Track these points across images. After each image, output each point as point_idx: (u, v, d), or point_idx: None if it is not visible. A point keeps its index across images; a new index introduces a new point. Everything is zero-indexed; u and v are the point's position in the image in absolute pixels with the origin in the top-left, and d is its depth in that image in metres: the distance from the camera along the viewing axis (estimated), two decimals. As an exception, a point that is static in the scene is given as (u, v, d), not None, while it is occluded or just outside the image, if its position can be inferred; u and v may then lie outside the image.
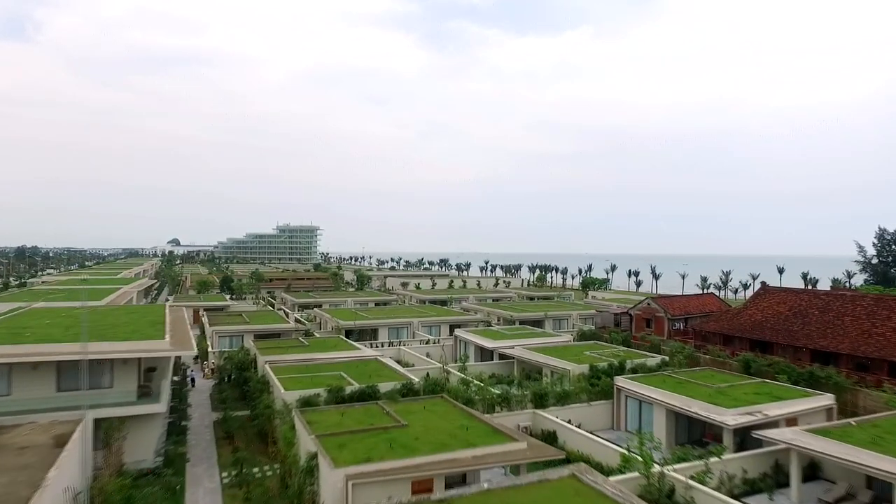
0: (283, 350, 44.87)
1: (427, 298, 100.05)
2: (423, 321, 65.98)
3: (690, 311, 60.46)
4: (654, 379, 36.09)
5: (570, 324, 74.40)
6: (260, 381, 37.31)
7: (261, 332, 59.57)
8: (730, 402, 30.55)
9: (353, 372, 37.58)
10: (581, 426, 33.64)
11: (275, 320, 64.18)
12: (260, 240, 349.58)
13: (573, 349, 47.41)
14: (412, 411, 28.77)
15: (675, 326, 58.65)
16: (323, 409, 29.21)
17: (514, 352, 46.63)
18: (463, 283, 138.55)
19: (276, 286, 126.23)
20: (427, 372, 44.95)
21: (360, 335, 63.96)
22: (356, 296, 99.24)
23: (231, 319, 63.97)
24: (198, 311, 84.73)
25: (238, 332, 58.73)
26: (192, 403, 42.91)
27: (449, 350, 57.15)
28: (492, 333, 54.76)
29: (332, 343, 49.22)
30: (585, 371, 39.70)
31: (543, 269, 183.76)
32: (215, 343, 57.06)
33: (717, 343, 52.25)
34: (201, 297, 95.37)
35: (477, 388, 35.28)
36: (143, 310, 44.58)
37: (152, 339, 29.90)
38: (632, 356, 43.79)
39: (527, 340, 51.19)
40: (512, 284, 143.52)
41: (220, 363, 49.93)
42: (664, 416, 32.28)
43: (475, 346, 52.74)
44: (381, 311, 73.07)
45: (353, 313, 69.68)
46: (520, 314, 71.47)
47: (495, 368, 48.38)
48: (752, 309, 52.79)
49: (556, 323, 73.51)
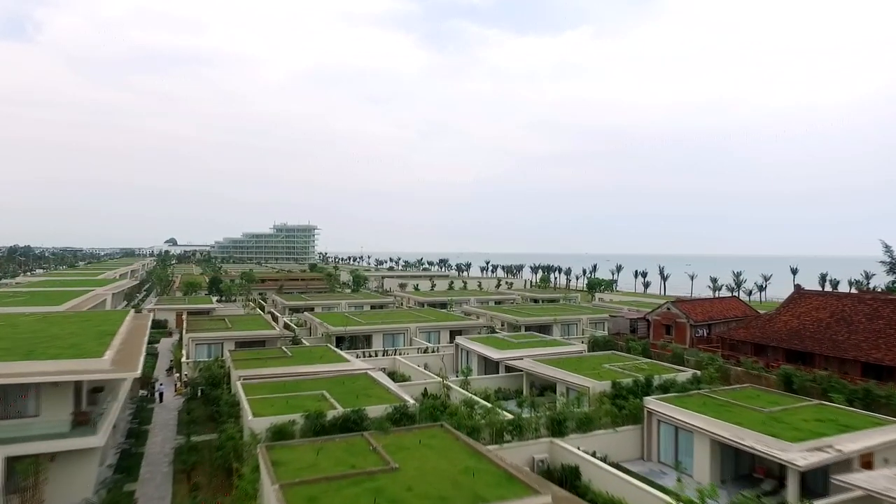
0: (261, 362, 39.56)
1: (426, 301, 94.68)
2: (421, 326, 60.67)
3: (714, 317, 55.11)
4: (691, 401, 30.75)
5: (580, 329, 69.06)
6: (229, 401, 31.98)
7: (243, 339, 54.25)
8: (790, 433, 25.22)
9: (339, 391, 32.28)
10: (606, 458, 28.36)
11: (260, 326, 58.82)
12: (257, 239, 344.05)
13: (589, 361, 42.08)
14: (405, 446, 23.46)
15: (698, 333, 53.34)
16: (295, 444, 23.86)
17: (522, 364, 41.29)
18: (463, 284, 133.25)
19: (269, 287, 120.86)
20: (425, 388, 39.73)
21: (352, 342, 58.62)
22: (351, 298, 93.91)
23: (211, 325, 58.62)
24: (181, 314, 79.54)
25: (217, 340, 53.38)
26: (156, 424, 37.61)
27: (449, 360, 51.84)
28: (497, 342, 49.45)
29: (319, 353, 43.90)
30: (607, 389, 34.38)
31: (546, 269, 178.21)
32: (192, 352, 51.74)
33: (747, 353, 46.96)
34: (186, 299, 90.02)
35: (483, 411, 30.00)
36: (98, 317, 39.28)
37: (91, 355, 24.57)
38: (659, 370, 38.44)
39: (536, 350, 45.87)
40: (514, 286, 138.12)
41: (193, 376, 44.64)
42: (707, 447, 26.96)
43: (478, 357, 47.44)
44: (376, 316, 67.73)
45: (345, 318, 64.35)
46: (525, 319, 66.14)
47: (501, 382, 43.08)
48: (786, 315, 47.46)
49: (564, 328, 68.20)
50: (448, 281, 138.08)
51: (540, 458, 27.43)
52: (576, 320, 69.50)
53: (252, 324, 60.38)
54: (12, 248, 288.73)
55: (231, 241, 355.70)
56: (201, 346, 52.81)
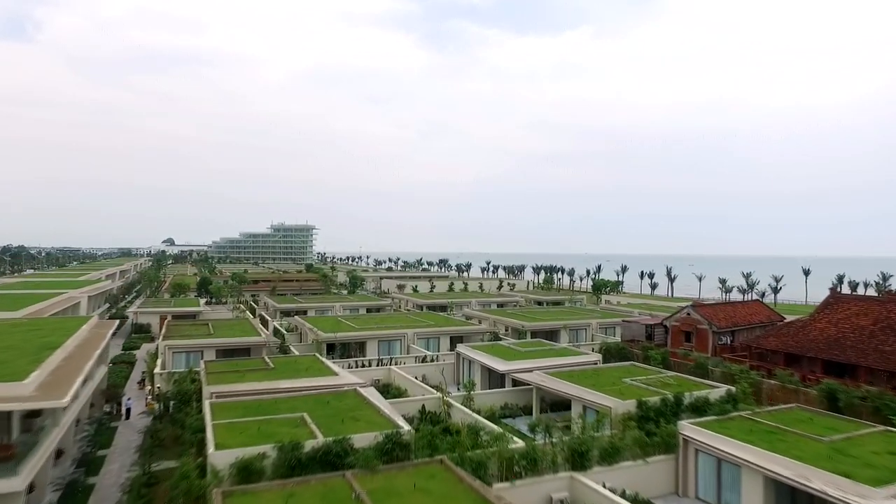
0: (238, 376, 35.09)
1: (425, 303, 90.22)
2: (420, 332, 56.20)
3: (738, 323, 50.64)
4: (734, 425, 26.31)
5: (589, 334, 64.66)
6: (195, 425, 27.50)
7: (226, 347, 49.79)
8: (865, 471, 20.79)
9: (323, 412, 27.85)
10: (637, 496, 23.94)
11: (245, 332, 54.31)
12: (254, 239, 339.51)
13: (607, 374, 37.63)
14: (397, 490, 19.07)
15: (721, 341, 48.90)
16: (261, 488, 19.43)
17: (532, 378, 36.82)
18: (464, 285, 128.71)
19: (262, 289, 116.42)
20: (423, 405, 35.30)
21: (344, 350, 54.19)
22: (347, 300, 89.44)
23: (192, 330, 54.14)
24: (165, 318, 75.09)
25: (196, 348, 48.90)
26: (117, 448, 33.19)
27: (450, 370, 47.41)
28: (502, 351, 45.00)
29: (305, 364, 39.42)
30: (632, 409, 29.94)
31: (549, 270, 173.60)
32: (168, 361, 47.28)
33: (778, 364, 42.51)
34: (172, 301, 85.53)
35: (490, 438, 25.58)
36: (51, 326, 34.79)
37: (12, 377, 20.11)
38: (687, 386, 33.96)
39: (546, 361, 41.41)
40: (517, 287, 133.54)
41: (166, 389, 40.16)
42: (760, 485, 22.53)
43: (482, 367, 42.98)
44: (371, 320, 63.26)
45: (338, 323, 59.91)
46: (531, 324, 61.69)
47: (508, 397, 38.64)
48: (822, 321, 43.02)
49: (572, 334, 63.80)
50: (448, 282, 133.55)
51: (559, 497, 23.01)
52: (585, 325, 65.06)
53: (237, 329, 55.90)
54: (5, 247, 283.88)
55: (228, 241, 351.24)
56: (178, 354, 48.34)
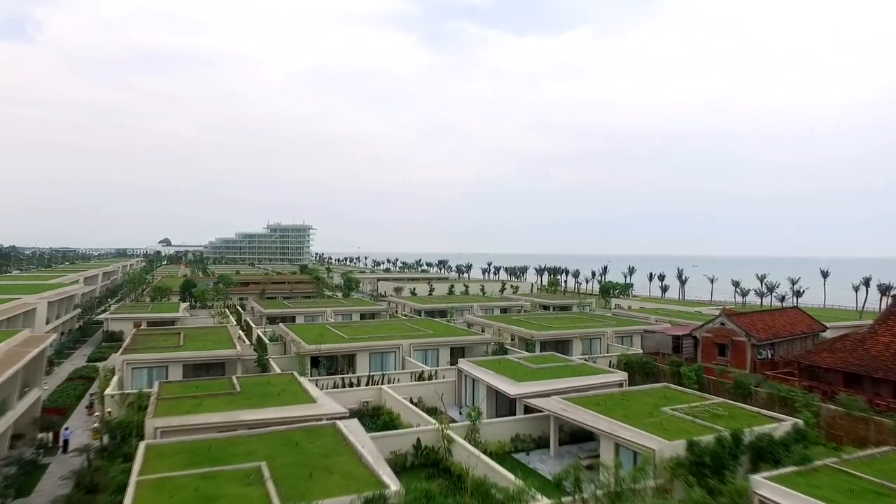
0: (194, 403, 28.92)
1: (423, 308, 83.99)
2: (417, 343, 49.99)
3: (778, 334, 44.39)
4: (824, 481, 20.07)
5: (604, 344, 58.45)
6: (117, 480, 21.26)
7: (195, 361, 43.64)
8: None
9: (288, 459, 21.67)
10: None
11: (220, 343, 48.03)
12: (250, 239, 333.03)
13: (638, 400, 31.40)
14: None
15: (761, 355, 42.66)
16: None
17: (550, 405, 30.57)
18: (465, 287, 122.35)
19: (251, 291, 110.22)
20: (418, 438, 29.10)
21: (331, 364, 48.02)
22: (339, 305, 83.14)
23: (159, 341, 47.89)
24: (139, 324, 68.93)
25: (161, 363, 42.71)
26: (40, 494, 26.92)
27: (450, 388, 41.19)
28: (511, 368, 38.77)
29: (279, 386, 33.20)
30: (681, 452, 23.74)
31: (553, 271, 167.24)
32: (126, 379, 41.05)
33: (836, 384, 36.32)
34: (150, 306, 79.24)
35: (505, 498, 19.43)
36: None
37: None
38: (742, 417, 27.71)
39: (563, 382, 35.17)
40: (520, 290, 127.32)
41: (117, 416, 33.95)
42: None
43: (488, 388, 36.75)
44: (362, 329, 57.01)
45: (325, 331, 53.72)
46: (541, 333, 55.48)
47: (520, 427, 32.36)
48: (885, 335, 36.81)
49: (585, 344, 57.61)
50: (448, 284, 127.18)
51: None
52: (599, 334, 58.79)
53: (211, 340, 49.61)
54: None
55: (223, 242, 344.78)
56: (139, 370, 42.07)
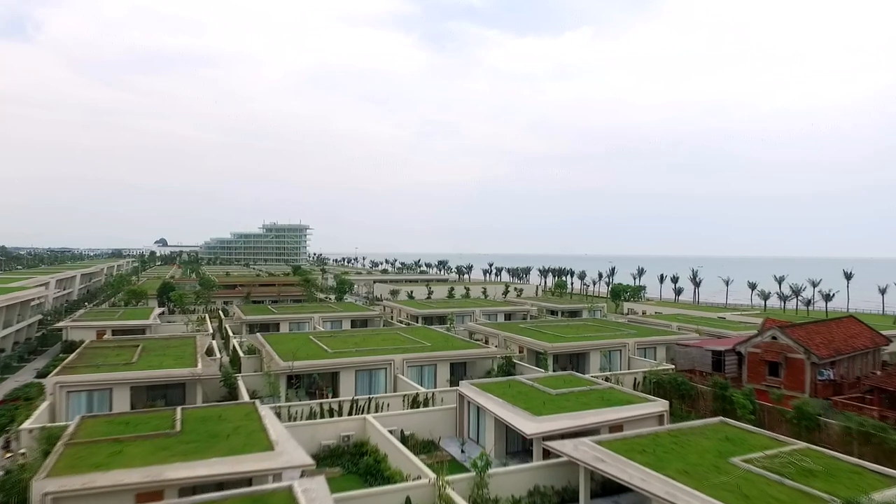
0: (113, 451, 21.90)
1: (421, 314, 76.90)
2: (411, 358, 43.00)
3: (840, 349, 37.19)
4: None
5: (625, 357, 51.44)
6: None
7: (146, 382, 36.70)
8: None
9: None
10: None
11: (180, 360, 41.00)
12: (245, 239, 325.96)
13: (692, 442, 24.33)
14: None
15: (823, 376, 35.53)
16: None
17: (580, 453, 23.46)
18: (465, 290, 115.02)
19: (237, 294, 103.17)
20: (407, 497, 22.07)
21: (310, 385, 41.05)
22: (329, 310, 76.02)
23: (108, 357, 40.84)
24: (103, 333, 61.94)
25: (104, 385, 35.70)
26: None
27: (450, 418, 34.13)
28: (524, 395, 31.70)
29: (232, 422, 26.14)
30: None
31: (557, 272, 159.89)
32: (59, 406, 34.00)
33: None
34: (121, 312, 72.11)
35: None
36: None
37: None
38: (847, 475, 20.64)
39: (592, 414, 28.05)
40: (524, 292, 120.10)
41: (33, 453, 26.97)
42: None
43: (496, 421, 29.69)
44: (350, 340, 49.97)
45: (308, 343, 46.75)
46: (554, 345, 48.43)
47: (539, 477, 25.21)
48: None
49: (604, 357, 50.64)
50: (447, 286, 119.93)
51: None
52: (619, 346, 51.75)
53: (172, 355, 42.58)
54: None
55: (219, 242, 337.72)
56: (76, 394, 34.99)
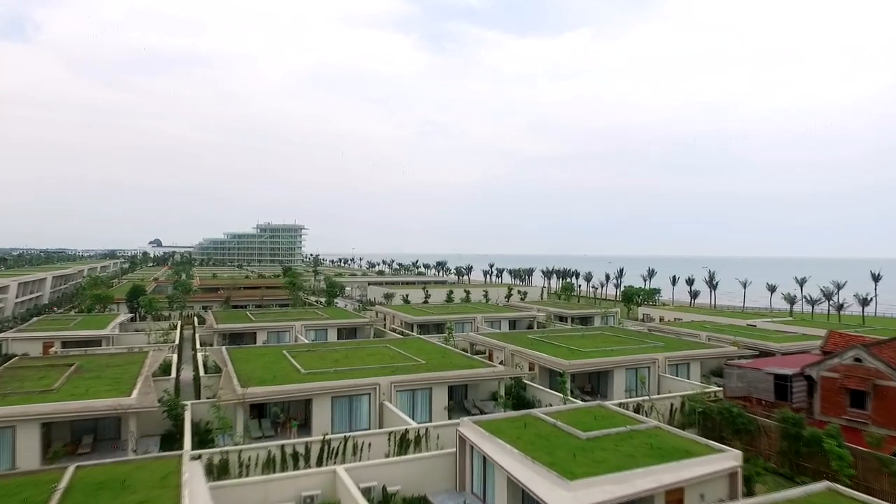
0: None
1: (416, 322, 69.10)
2: (401, 381, 35.26)
3: (939, 374, 29.53)
4: None
5: (654, 376, 43.73)
6: None
7: (61, 417, 28.87)
8: None
9: None
10: None
11: (114, 386, 33.18)
12: (239, 240, 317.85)
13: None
14: None
15: (923, 409, 27.81)
16: None
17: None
18: (465, 294, 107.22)
19: (219, 298, 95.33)
20: None
21: (275, 417, 33.31)
22: (314, 317, 68.24)
23: (30, 381, 33.03)
24: (50, 346, 54.14)
25: (5, 422, 27.82)
26: None
27: (448, 466, 26.36)
28: (545, 439, 23.95)
29: (141, 491, 18.38)
30: None
31: (562, 274, 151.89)
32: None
33: None
34: (76, 320, 64.19)
35: None
36: None
37: None
38: None
39: (642, 476, 20.27)
40: (529, 296, 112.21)
41: None
42: None
43: (508, 480, 21.89)
44: (330, 355, 42.18)
45: (280, 360, 39.02)
46: (572, 363, 40.71)
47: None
48: None
49: (628, 373, 42.99)
50: (446, 289, 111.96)
51: None
52: (648, 362, 44.02)
53: (109, 377, 34.81)
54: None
55: (212, 242, 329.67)
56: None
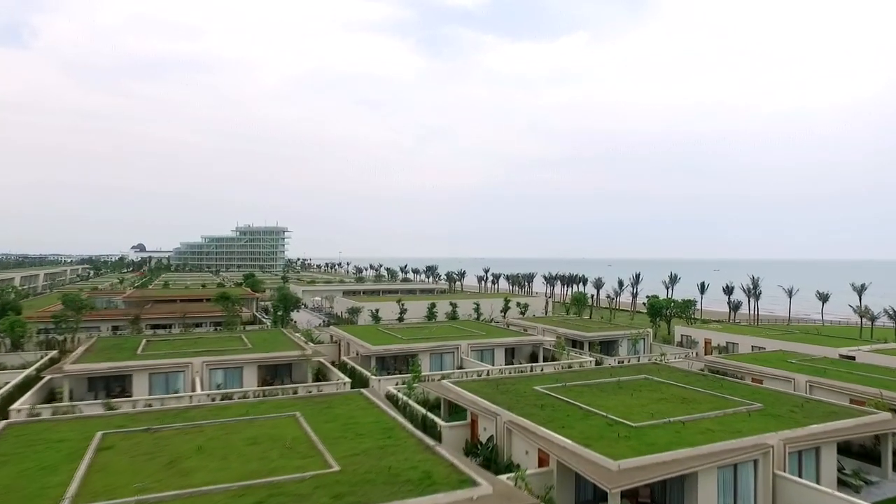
0: None
1: (375, 353, 49.31)
2: None
3: None
4: None
5: (764, 480, 24.16)
6: None
7: None
8: None
9: None
10: None
11: None
12: (217, 244, 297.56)
13: None
14: None
15: None
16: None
17: None
18: (451, 308, 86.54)
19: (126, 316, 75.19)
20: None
21: None
22: (227, 349, 48.40)
23: None
24: None
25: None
26: None
27: None
28: None
29: None
30: None
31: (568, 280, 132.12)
32: None
33: None
34: None
35: None
36: None
37: None
38: None
39: None
40: (531, 308, 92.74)
41: None
42: None
43: None
44: (165, 451, 22.38)
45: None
46: (619, 464, 21.10)
47: None
48: None
49: (721, 477, 23.39)
50: (429, 302, 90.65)
51: None
52: (756, 455, 24.34)
53: None
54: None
55: (189, 246, 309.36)
56: None
